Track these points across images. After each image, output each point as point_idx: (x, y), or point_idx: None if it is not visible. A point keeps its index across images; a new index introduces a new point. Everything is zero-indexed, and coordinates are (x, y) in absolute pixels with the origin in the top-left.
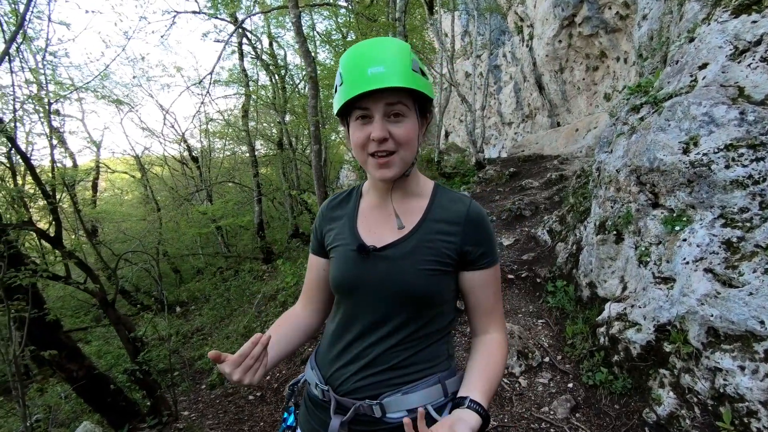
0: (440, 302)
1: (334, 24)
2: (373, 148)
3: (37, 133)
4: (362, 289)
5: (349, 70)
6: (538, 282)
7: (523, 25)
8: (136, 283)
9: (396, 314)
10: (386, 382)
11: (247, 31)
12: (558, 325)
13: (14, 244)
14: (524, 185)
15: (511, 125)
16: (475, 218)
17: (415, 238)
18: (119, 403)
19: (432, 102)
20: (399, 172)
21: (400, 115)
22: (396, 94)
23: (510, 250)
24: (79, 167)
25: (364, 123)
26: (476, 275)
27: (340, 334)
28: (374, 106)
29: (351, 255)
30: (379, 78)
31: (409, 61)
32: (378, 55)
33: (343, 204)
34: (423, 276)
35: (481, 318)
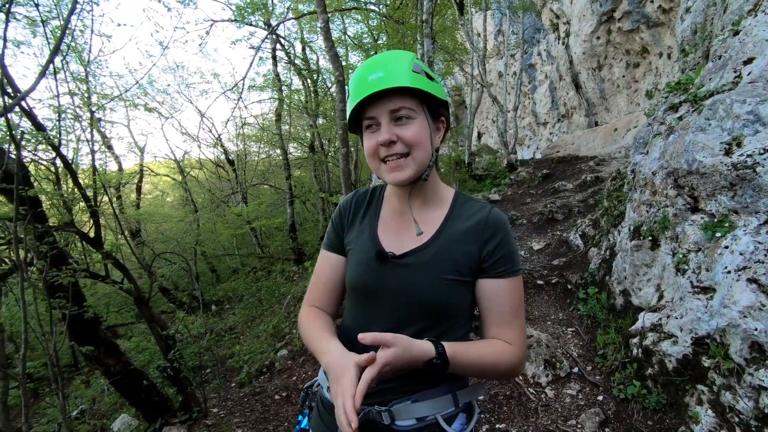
0: (456, 312)
1: (365, 28)
2: (383, 153)
3: (85, 140)
4: (378, 295)
5: (353, 83)
6: (568, 288)
7: (558, 23)
8: (175, 282)
9: (411, 323)
10: (396, 390)
11: (280, 37)
12: (589, 334)
13: (56, 244)
14: (557, 187)
15: (546, 125)
16: (495, 224)
17: (434, 247)
18: (153, 398)
19: (445, 104)
20: (413, 174)
21: (406, 117)
22: (399, 99)
23: (540, 254)
24: (124, 170)
25: (372, 132)
26: (492, 283)
27: (353, 338)
28: (379, 112)
29: (370, 260)
30: (378, 82)
31: (409, 64)
32: (378, 64)
33: (366, 204)
34: (441, 286)
35: (495, 330)
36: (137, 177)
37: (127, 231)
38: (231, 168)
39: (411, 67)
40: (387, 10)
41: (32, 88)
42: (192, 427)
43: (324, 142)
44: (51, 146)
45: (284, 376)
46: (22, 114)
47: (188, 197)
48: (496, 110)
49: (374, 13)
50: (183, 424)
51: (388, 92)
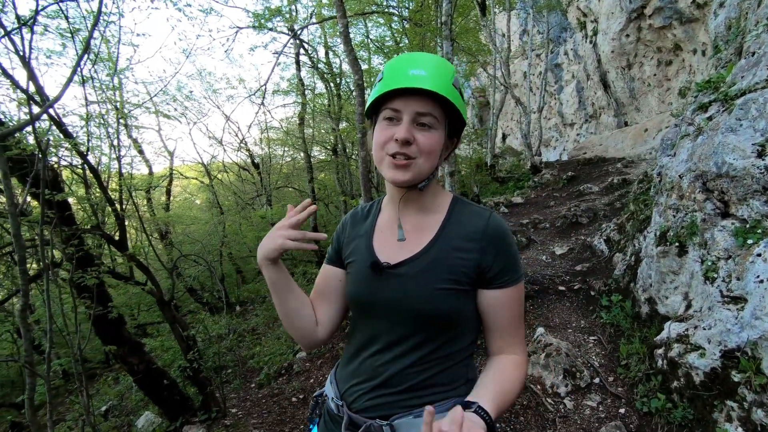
0: (457, 322)
1: (387, 31)
2: (393, 149)
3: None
4: (376, 307)
5: (391, 69)
6: (591, 295)
7: (586, 21)
8: (202, 282)
9: (411, 334)
10: (399, 404)
11: (304, 42)
12: (611, 343)
13: (82, 247)
14: (582, 190)
15: (573, 126)
16: (495, 233)
17: (429, 255)
18: (174, 397)
19: (464, 125)
20: (411, 179)
21: (428, 125)
22: (430, 104)
23: (563, 259)
24: (154, 174)
25: (390, 124)
26: (495, 294)
27: (357, 351)
28: (405, 108)
29: (365, 271)
30: (418, 79)
31: (451, 76)
32: (422, 61)
33: (365, 218)
34: (437, 295)
35: (497, 339)
36: (167, 180)
37: (156, 233)
38: (256, 171)
39: (452, 79)
40: (408, 13)
41: (58, 97)
42: (211, 427)
43: (347, 145)
44: (78, 153)
45: (302, 378)
46: (51, 122)
47: (214, 200)
48: (520, 111)
49: (394, 16)
50: (202, 424)
51: (423, 93)
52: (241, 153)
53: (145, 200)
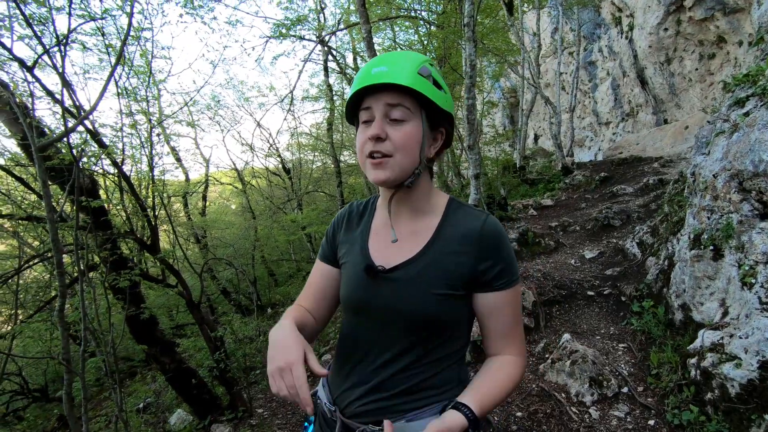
0: (451, 326)
1: (414, 35)
2: (369, 148)
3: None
4: (369, 311)
5: (358, 74)
6: (622, 301)
7: (621, 16)
8: (236, 285)
9: (403, 338)
10: (391, 408)
11: (332, 48)
12: (642, 351)
13: (116, 251)
14: (616, 191)
15: (609, 125)
16: (490, 235)
17: (424, 259)
18: (203, 396)
19: (448, 117)
20: (392, 177)
21: (400, 120)
22: (397, 95)
23: (592, 263)
24: (191, 180)
25: (366, 127)
26: (492, 297)
27: (349, 355)
28: (375, 104)
29: (359, 275)
30: (379, 75)
31: (417, 65)
32: (385, 60)
33: (359, 217)
34: (432, 300)
35: (495, 342)
36: (203, 186)
37: (192, 237)
38: (287, 176)
39: (417, 69)
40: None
41: (92, 109)
42: (237, 426)
43: None
44: (112, 162)
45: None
46: (87, 133)
47: (247, 205)
48: (550, 111)
49: (413, 19)
50: (229, 422)
51: (389, 87)
52: (273, 159)
53: (181, 206)
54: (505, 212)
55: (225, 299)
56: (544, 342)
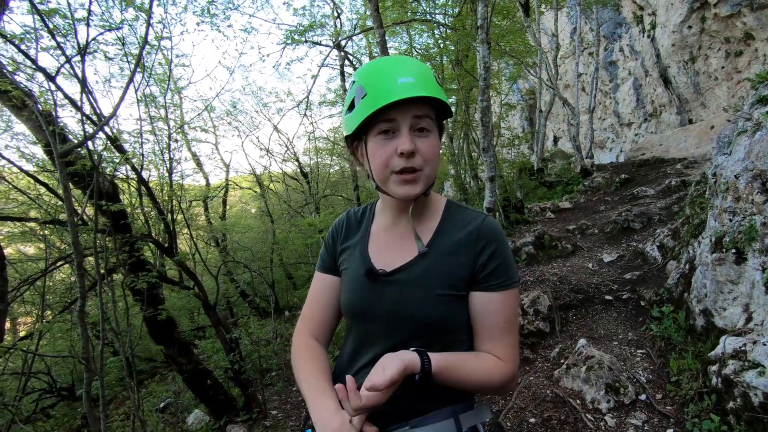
0: (454, 329)
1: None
2: (399, 164)
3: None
4: (372, 316)
5: (375, 82)
6: (641, 306)
7: (643, 14)
8: (255, 288)
9: (407, 342)
10: (394, 415)
11: (348, 54)
12: (661, 357)
13: (135, 253)
14: (636, 194)
15: (631, 126)
16: (489, 235)
17: (425, 261)
18: (219, 397)
19: (450, 117)
20: (422, 190)
21: (426, 129)
22: (424, 107)
23: (611, 267)
24: (211, 185)
25: (386, 138)
26: (485, 296)
27: (352, 361)
28: (402, 117)
29: (361, 279)
30: (410, 87)
31: (434, 74)
32: (405, 68)
33: (358, 223)
34: (434, 302)
35: (484, 343)
36: (223, 191)
37: (212, 241)
38: (305, 180)
39: (436, 78)
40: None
41: (111, 116)
42: (252, 427)
43: None
44: (131, 167)
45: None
46: (107, 139)
47: (265, 209)
48: (568, 113)
49: (427, 22)
50: (244, 423)
51: (416, 101)
52: (291, 163)
53: (202, 210)
54: (522, 215)
55: (243, 301)
56: (560, 347)
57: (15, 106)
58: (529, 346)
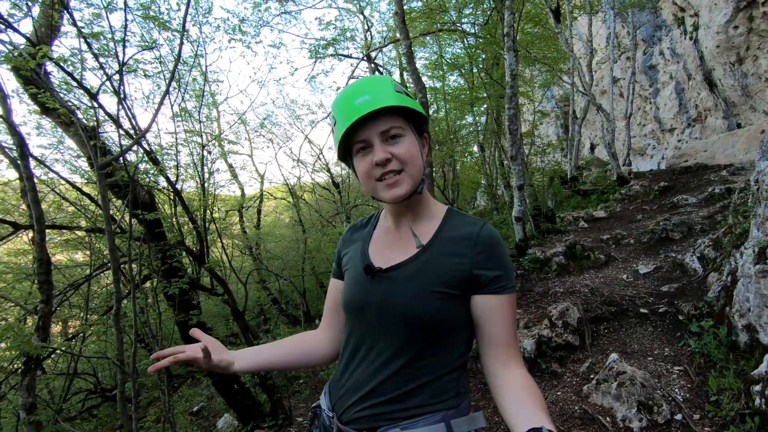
0: (447, 329)
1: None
2: (377, 173)
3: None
4: (367, 311)
5: (339, 109)
6: (679, 320)
7: (684, 16)
8: (287, 296)
9: (400, 339)
10: (385, 415)
11: (378, 65)
12: (700, 375)
13: (168, 260)
14: (676, 202)
15: (674, 132)
16: (487, 240)
17: (422, 259)
18: (246, 402)
19: (426, 120)
20: (409, 189)
21: (397, 136)
22: (388, 119)
23: (647, 279)
24: (246, 195)
25: (365, 155)
26: (490, 299)
27: (348, 360)
28: (370, 134)
29: (360, 275)
30: (366, 105)
31: (392, 85)
32: (362, 89)
33: (362, 229)
34: (427, 298)
35: (497, 350)
36: (257, 201)
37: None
38: (336, 190)
39: (394, 87)
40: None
41: (146, 131)
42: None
43: None
44: (165, 179)
45: None
46: (143, 152)
47: (297, 218)
48: (602, 119)
49: (454, 32)
50: (270, 429)
51: (378, 114)
52: (323, 173)
53: (237, 219)
54: (553, 224)
55: (276, 309)
56: (590, 362)
57: (63, 123)
58: (557, 360)
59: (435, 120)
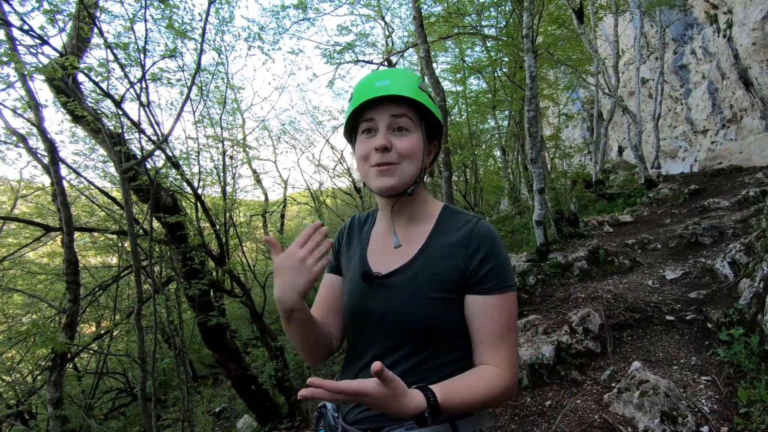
0: (448, 333)
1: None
2: (375, 159)
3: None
4: (368, 318)
5: (358, 88)
6: (708, 328)
7: (717, 13)
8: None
9: (401, 344)
10: (389, 416)
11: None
12: (729, 386)
13: (189, 262)
14: (707, 205)
15: (706, 133)
16: (481, 237)
17: (418, 264)
18: (264, 403)
19: (441, 129)
20: (398, 183)
21: (404, 128)
22: (401, 107)
23: (674, 285)
24: (270, 201)
25: (368, 137)
26: (479, 300)
27: (352, 362)
28: (379, 116)
29: (358, 282)
30: (384, 88)
31: (416, 80)
32: (386, 74)
33: (361, 227)
34: (426, 305)
35: (479, 349)
36: (281, 206)
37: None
38: (358, 195)
39: (417, 83)
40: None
41: (166, 137)
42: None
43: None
44: (186, 182)
45: None
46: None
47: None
48: (628, 121)
49: (473, 35)
50: (287, 431)
51: (393, 99)
52: (345, 178)
53: (260, 223)
54: (576, 229)
55: None
56: (611, 369)
57: (93, 130)
58: (576, 367)
59: (455, 124)
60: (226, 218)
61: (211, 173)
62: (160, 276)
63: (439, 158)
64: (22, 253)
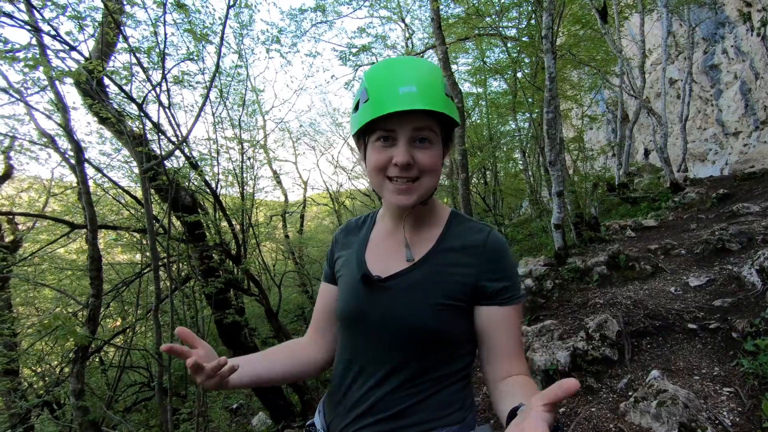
0: (450, 342)
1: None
2: (394, 173)
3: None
4: (364, 323)
5: (377, 87)
6: (732, 337)
7: (751, 11)
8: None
9: (398, 352)
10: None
11: None
12: (753, 398)
13: (206, 260)
14: (736, 210)
15: (738, 135)
16: (495, 248)
17: (423, 268)
18: (278, 401)
19: (453, 130)
20: (418, 200)
21: (426, 140)
22: (425, 118)
23: (698, 292)
24: (289, 202)
25: (385, 145)
26: (496, 311)
27: (343, 375)
28: (401, 128)
29: (355, 285)
30: (411, 98)
31: (442, 84)
32: (410, 75)
33: (357, 230)
34: (429, 311)
35: (503, 362)
36: (301, 206)
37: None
38: (377, 196)
39: (443, 89)
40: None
41: (185, 137)
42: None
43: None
44: (204, 183)
45: None
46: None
47: (338, 224)
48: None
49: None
50: (300, 429)
51: (418, 110)
52: (363, 179)
53: (280, 224)
54: (596, 233)
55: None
56: (628, 378)
57: (117, 131)
58: (593, 374)
59: (475, 125)
60: (243, 218)
61: (229, 174)
62: (178, 273)
63: (456, 160)
64: (53, 249)
